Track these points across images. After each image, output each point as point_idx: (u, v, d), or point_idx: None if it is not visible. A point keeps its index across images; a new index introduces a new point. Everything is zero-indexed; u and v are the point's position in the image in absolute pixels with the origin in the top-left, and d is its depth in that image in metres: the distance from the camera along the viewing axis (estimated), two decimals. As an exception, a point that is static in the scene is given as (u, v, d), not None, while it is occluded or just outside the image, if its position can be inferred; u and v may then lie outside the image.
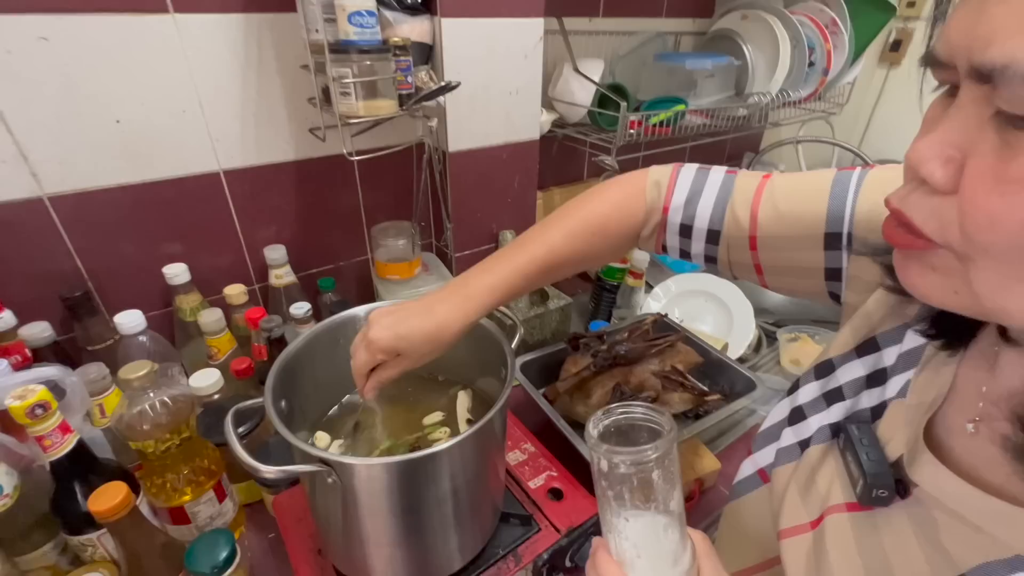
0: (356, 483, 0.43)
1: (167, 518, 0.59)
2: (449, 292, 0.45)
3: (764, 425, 0.49)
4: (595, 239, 0.48)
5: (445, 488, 0.45)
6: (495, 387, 0.60)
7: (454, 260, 0.94)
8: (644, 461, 0.34)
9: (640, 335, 0.82)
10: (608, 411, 0.38)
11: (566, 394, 0.75)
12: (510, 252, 0.47)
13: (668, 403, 0.76)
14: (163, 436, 0.55)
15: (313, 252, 0.86)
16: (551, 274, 0.48)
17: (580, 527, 0.59)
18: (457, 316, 0.45)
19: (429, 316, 0.44)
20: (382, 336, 0.43)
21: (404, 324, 0.43)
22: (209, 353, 0.72)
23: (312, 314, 0.76)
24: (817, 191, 0.42)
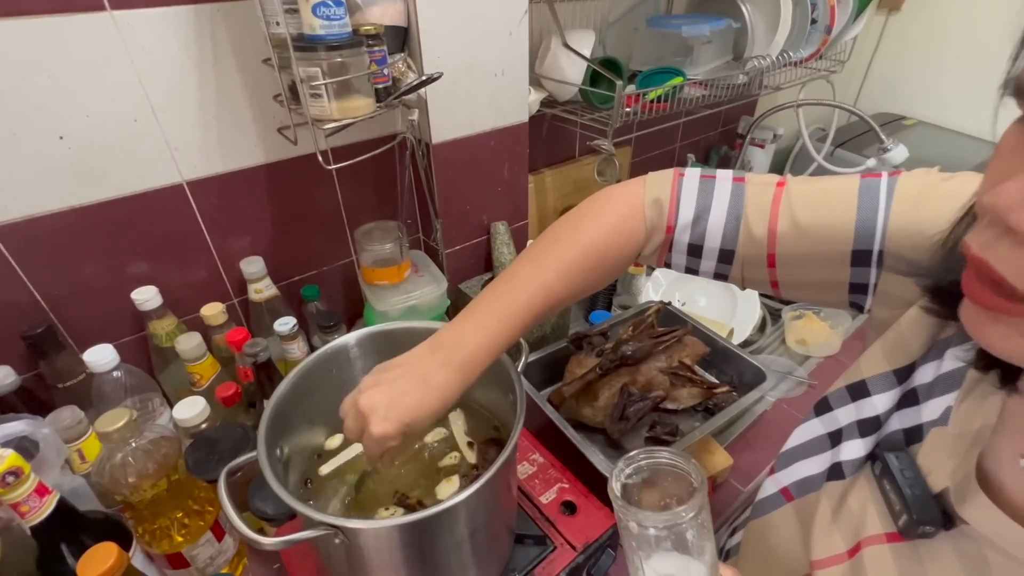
0: (365, 543, 0.41)
1: (165, 564, 0.57)
2: (443, 358, 0.42)
3: (789, 445, 0.47)
4: (593, 272, 0.45)
5: (461, 534, 0.44)
6: (494, 400, 0.58)
7: (445, 257, 0.90)
8: (678, 523, 0.33)
9: (645, 329, 0.80)
10: (629, 459, 0.37)
11: (572, 398, 0.74)
12: (502, 300, 0.44)
13: (677, 399, 0.75)
14: (150, 484, 0.52)
15: (293, 260, 0.82)
16: (546, 316, 0.45)
17: (596, 541, 0.58)
18: (457, 385, 0.42)
19: (429, 392, 0.41)
20: (387, 429, 0.40)
21: (404, 408, 0.40)
22: (191, 380, 0.69)
23: (298, 328, 0.73)
24: (842, 203, 0.39)
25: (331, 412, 0.57)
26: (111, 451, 0.51)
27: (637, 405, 0.71)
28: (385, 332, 0.56)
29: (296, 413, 0.52)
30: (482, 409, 0.62)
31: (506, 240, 0.93)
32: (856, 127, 1.53)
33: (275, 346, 0.73)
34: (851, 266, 0.40)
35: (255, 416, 0.70)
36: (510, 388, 0.52)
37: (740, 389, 0.77)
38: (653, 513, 0.34)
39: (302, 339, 0.74)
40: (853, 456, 0.40)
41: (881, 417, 0.40)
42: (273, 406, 0.47)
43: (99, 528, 0.53)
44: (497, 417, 0.60)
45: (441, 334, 0.43)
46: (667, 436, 0.72)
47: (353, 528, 0.38)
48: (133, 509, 0.54)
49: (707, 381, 0.77)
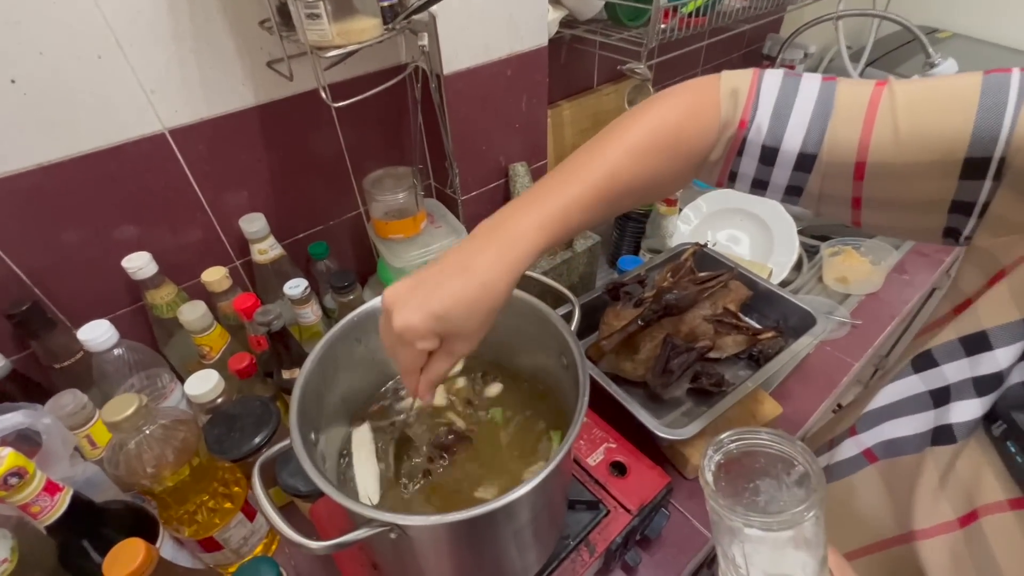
0: (425, 537, 0.38)
1: (197, 548, 0.55)
2: (484, 238, 0.35)
3: (876, 404, 0.44)
4: (665, 156, 0.39)
5: (524, 520, 0.41)
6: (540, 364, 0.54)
7: (461, 205, 0.83)
8: (796, 523, 0.30)
9: (686, 274, 0.75)
10: (718, 444, 0.34)
11: (611, 352, 0.70)
12: (559, 179, 0.37)
13: (721, 348, 0.72)
14: (171, 473, 0.48)
15: (297, 215, 0.76)
16: (612, 205, 0.38)
17: (651, 503, 0.56)
18: (502, 268, 0.34)
19: (467, 276, 0.34)
20: (414, 320, 0.33)
21: (436, 296, 0.33)
22: (200, 352, 0.64)
23: (310, 290, 0.67)
24: (958, 102, 0.33)
25: (362, 384, 0.55)
26: (123, 441, 0.46)
27: (681, 357, 0.67)
28: None
29: (326, 392, 0.47)
30: (525, 377, 0.57)
31: (526, 183, 0.86)
32: (887, 42, 1.41)
33: (286, 310, 0.67)
34: (959, 178, 0.34)
35: (273, 387, 0.66)
36: (561, 350, 0.48)
37: (786, 334, 0.73)
38: (763, 517, 0.30)
39: (315, 302, 0.69)
40: (967, 417, 0.36)
41: (1003, 373, 0.35)
42: (301, 388, 0.43)
43: (122, 519, 0.50)
44: (544, 383, 0.56)
45: (481, 223, 0.37)
46: (712, 387, 0.68)
47: (413, 525, 0.33)
48: (155, 497, 0.50)
49: (752, 327, 0.73)
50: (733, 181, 0.43)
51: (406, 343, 0.34)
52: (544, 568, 0.51)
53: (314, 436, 0.43)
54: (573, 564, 0.52)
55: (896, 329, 0.88)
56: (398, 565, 0.44)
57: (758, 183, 0.42)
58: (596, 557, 0.52)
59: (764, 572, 0.31)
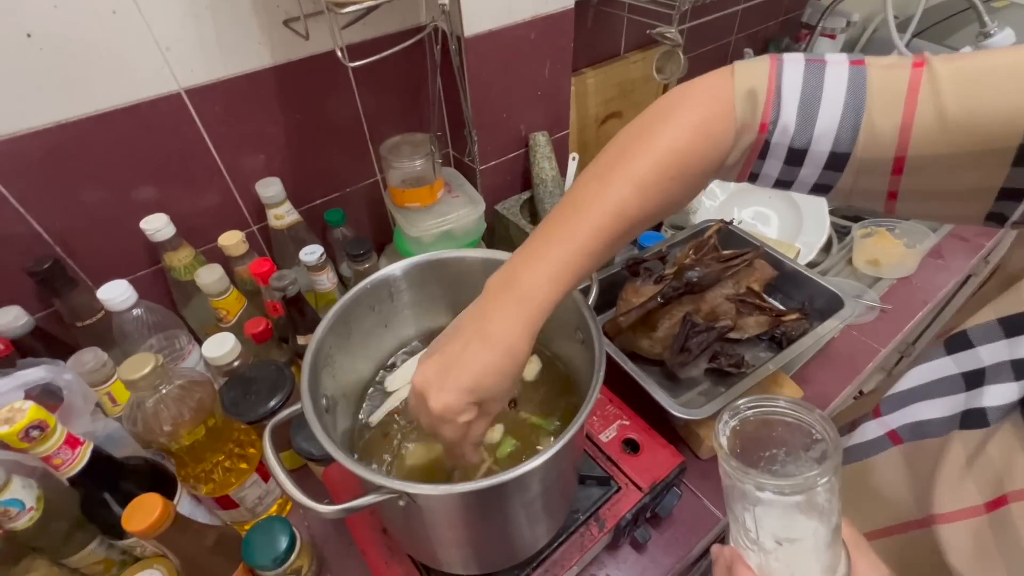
0: (433, 506, 0.38)
1: (214, 505, 0.56)
2: (498, 300, 0.35)
3: (903, 385, 0.42)
4: (674, 185, 0.37)
5: (534, 492, 0.41)
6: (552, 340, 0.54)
7: (479, 174, 0.82)
8: (809, 488, 0.30)
9: (709, 252, 0.73)
10: (734, 410, 0.33)
11: (628, 328, 0.69)
12: (564, 224, 0.36)
13: (742, 329, 0.71)
14: (187, 432, 0.50)
15: (313, 181, 0.75)
16: (622, 239, 0.37)
17: (663, 481, 0.56)
18: (521, 329, 0.35)
19: (489, 345, 0.34)
20: (450, 400, 0.34)
21: (466, 373, 0.34)
22: (218, 316, 0.65)
23: (326, 257, 0.67)
24: (1013, 82, 0.30)
25: (375, 350, 0.55)
26: (140, 399, 0.47)
27: (701, 336, 0.66)
28: (435, 262, 0.51)
29: (338, 357, 0.48)
30: (544, 348, 0.57)
31: (547, 153, 0.84)
32: (938, 11, 1.32)
33: (302, 277, 0.68)
34: (1013, 165, 0.31)
35: (288, 352, 0.67)
36: (577, 325, 0.48)
37: (811, 316, 0.71)
38: (776, 480, 0.30)
39: (331, 269, 0.69)
40: (1002, 401, 0.35)
41: None
42: (312, 354, 0.43)
43: (141, 475, 0.51)
44: (559, 359, 0.56)
45: (491, 280, 0.37)
46: (731, 368, 0.67)
47: (422, 494, 0.33)
48: (173, 455, 0.52)
49: (776, 308, 0.72)
50: (754, 181, 0.40)
51: (447, 422, 0.35)
52: (553, 540, 0.51)
53: (326, 401, 0.43)
54: (582, 538, 0.52)
55: (927, 315, 0.85)
56: (407, 531, 0.44)
57: (782, 183, 0.39)
58: (605, 532, 0.52)
59: (774, 536, 0.31)
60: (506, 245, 0.87)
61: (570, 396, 0.53)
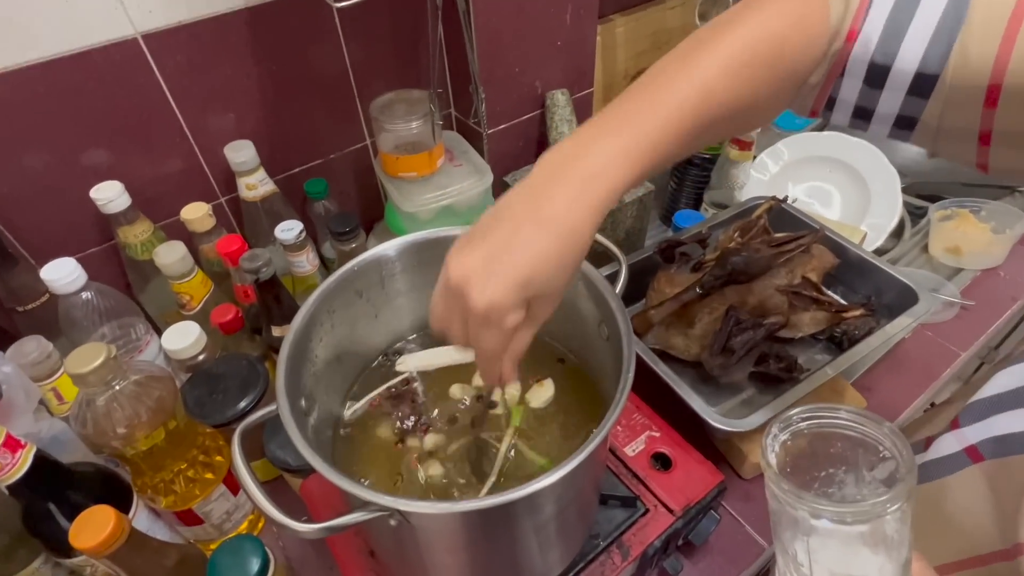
0: (429, 526, 0.37)
1: (174, 520, 0.56)
2: (556, 176, 0.34)
3: (984, 393, 0.43)
4: (767, 74, 0.37)
5: (548, 513, 0.40)
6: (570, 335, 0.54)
7: (487, 140, 0.81)
8: (876, 516, 0.29)
9: (759, 234, 0.73)
10: (786, 422, 0.33)
11: (661, 324, 0.69)
12: (641, 99, 0.35)
13: (796, 326, 0.70)
14: (144, 436, 0.49)
15: (291, 145, 0.75)
16: (705, 133, 0.36)
17: (698, 503, 0.55)
18: (585, 211, 0.33)
19: (545, 228, 0.32)
20: (498, 295, 0.32)
21: (517, 260, 0.32)
22: (180, 301, 0.65)
23: (306, 235, 0.67)
24: None
25: (363, 345, 0.55)
26: (90, 396, 0.47)
27: (746, 334, 0.65)
28: (434, 242, 0.51)
29: (319, 351, 0.47)
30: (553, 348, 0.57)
31: (566, 115, 0.83)
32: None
33: (278, 257, 0.67)
34: None
35: (261, 345, 0.67)
36: (602, 318, 0.47)
37: (878, 312, 0.71)
38: (842, 505, 0.30)
39: (311, 249, 0.69)
40: None
41: None
42: (290, 347, 0.42)
43: (91, 484, 0.51)
44: (578, 357, 0.55)
45: (546, 157, 0.35)
46: (781, 372, 0.66)
47: (416, 512, 0.33)
48: (128, 461, 0.52)
49: (837, 303, 0.71)
50: (831, 109, 0.40)
51: (492, 324, 0.33)
52: (568, 570, 0.50)
53: (305, 403, 0.43)
54: (602, 567, 0.51)
55: (1016, 314, 0.83)
56: (398, 555, 0.44)
57: (861, 112, 0.39)
58: (630, 561, 0.52)
59: (831, 572, 0.31)
60: (517, 224, 0.86)
61: (590, 402, 0.52)
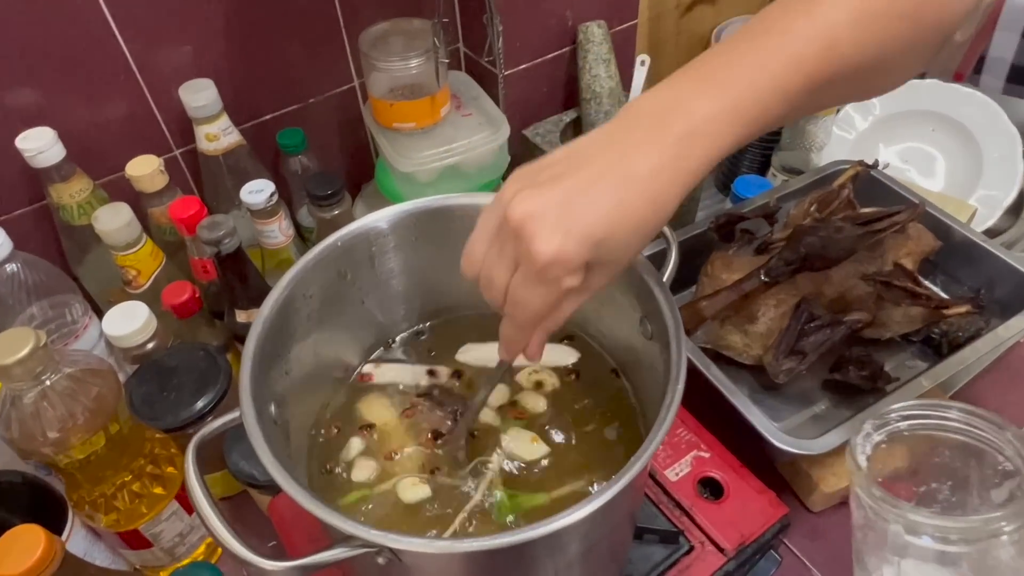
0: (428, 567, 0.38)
1: (117, 543, 0.57)
2: (648, 129, 0.35)
3: None
4: (902, 28, 0.38)
5: (573, 553, 0.40)
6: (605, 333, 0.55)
7: (503, 83, 0.81)
8: (990, 536, 0.30)
9: (841, 209, 0.72)
10: (881, 420, 0.35)
11: (714, 318, 0.69)
12: (749, 48, 0.36)
13: (885, 324, 0.70)
14: (80, 442, 0.50)
15: (262, 86, 0.76)
16: (822, 94, 0.37)
17: (756, 541, 0.55)
18: (676, 177, 0.34)
19: (630, 186, 0.33)
20: (569, 247, 0.32)
21: (594, 213, 0.33)
22: (125, 277, 0.66)
23: (278, 198, 0.68)
24: None
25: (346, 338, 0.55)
26: (15, 393, 0.47)
27: (822, 333, 0.64)
28: (437, 212, 0.51)
29: (293, 346, 0.47)
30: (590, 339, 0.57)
31: (602, 54, 0.83)
32: None
33: (244, 225, 0.68)
34: None
35: (223, 333, 0.68)
36: (644, 312, 0.47)
37: (988, 309, 0.70)
38: (948, 520, 0.31)
39: (285, 216, 0.70)
40: None
41: None
42: (258, 339, 0.42)
43: (17, 497, 0.53)
44: (614, 356, 0.56)
45: (638, 104, 0.36)
46: (864, 382, 0.66)
47: (412, 551, 0.33)
48: (61, 471, 0.52)
49: (936, 296, 0.71)
50: (979, 71, 0.42)
51: (549, 281, 0.34)
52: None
53: (275, 409, 0.43)
54: (634, 616, 0.52)
55: None
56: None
57: (1019, 73, 0.40)
58: (669, 610, 0.52)
59: None
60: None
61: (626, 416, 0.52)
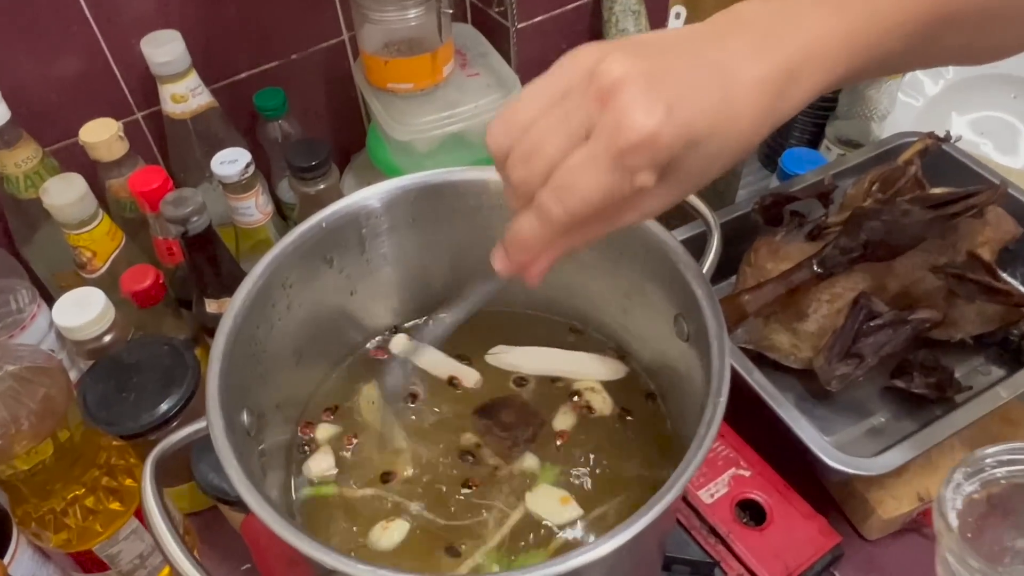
0: None
1: (70, 565, 0.57)
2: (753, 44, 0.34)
3: None
4: None
5: None
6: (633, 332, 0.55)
7: (515, 38, 0.81)
8: None
9: (908, 188, 0.71)
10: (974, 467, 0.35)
11: (758, 314, 0.68)
12: None
13: (957, 324, 0.69)
14: (24, 451, 0.49)
15: (236, 39, 0.76)
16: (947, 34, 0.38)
17: (805, 574, 0.55)
18: (778, 100, 0.34)
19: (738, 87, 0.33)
20: (672, 131, 0.31)
21: (697, 101, 0.32)
22: (78, 260, 0.66)
23: (255, 169, 0.68)
24: None
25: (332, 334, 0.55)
26: (-50, 394, 0.47)
27: (883, 333, 0.63)
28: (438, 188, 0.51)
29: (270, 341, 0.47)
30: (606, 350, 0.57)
31: (632, 4, 0.83)
32: None
33: (215, 200, 0.69)
34: None
35: (191, 325, 0.68)
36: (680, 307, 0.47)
37: None
38: None
39: (262, 190, 0.70)
40: None
41: None
42: (230, 333, 0.42)
43: None
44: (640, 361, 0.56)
45: (738, 9, 0.36)
46: (930, 391, 0.65)
47: None
48: (4, 484, 0.52)
49: (1016, 292, 0.68)
50: None
51: (627, 166, 0.31)
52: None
53: (247, 418, 0.43)
54: (659, 660, 0.52)
55: None
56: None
57: None
58: (701, 653, 0.52)
59: None
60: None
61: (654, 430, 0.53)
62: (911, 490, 0.60)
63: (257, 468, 0.39)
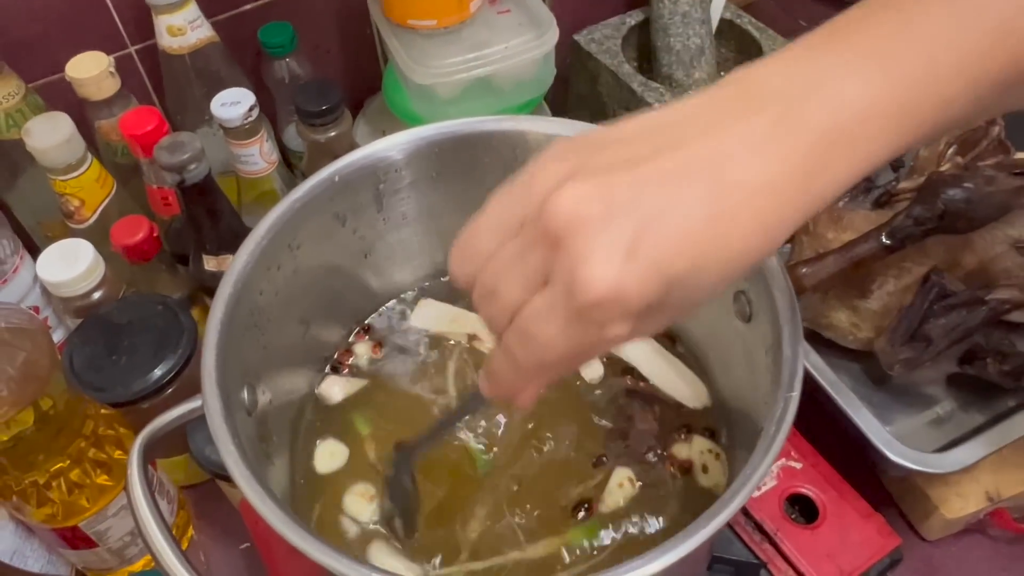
0: None
1: (55, 540, 0.57)
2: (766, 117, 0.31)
3: None
4: None
5: None
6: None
7: None
8: None
9: (990, 153, 0.68)
10: None
11: (816, 288, 0.66)
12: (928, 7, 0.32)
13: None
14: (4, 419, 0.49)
15: None
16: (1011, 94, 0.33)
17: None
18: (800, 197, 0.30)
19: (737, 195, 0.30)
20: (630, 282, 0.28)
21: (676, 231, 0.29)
22: (65, 208, 0.65)
23: (259, 112, 0.67)
24: None
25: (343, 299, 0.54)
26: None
27: (955, 315, 0.61)
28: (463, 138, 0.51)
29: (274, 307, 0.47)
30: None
31: None
32: None
33: (215, 146, 0.69)
34: None
35: (187, 282, 0.68)
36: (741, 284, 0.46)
37: None
38: None
39: (267, 136, 0.69)
40: None
41: None
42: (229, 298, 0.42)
43: None
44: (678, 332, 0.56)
45: (757, 73, 0.32)
46: (1005, 379, 0.63)
47: None
48: None
49: None
50: None
51: (590, 322, 0.30)
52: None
53: (247, 395, 0.42)
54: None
55: None
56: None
57: None
58: (745, 662, 0.52)
59: None
60: (592, 111, 0.84)
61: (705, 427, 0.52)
62: (979, 488, 0.59)
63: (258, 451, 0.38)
